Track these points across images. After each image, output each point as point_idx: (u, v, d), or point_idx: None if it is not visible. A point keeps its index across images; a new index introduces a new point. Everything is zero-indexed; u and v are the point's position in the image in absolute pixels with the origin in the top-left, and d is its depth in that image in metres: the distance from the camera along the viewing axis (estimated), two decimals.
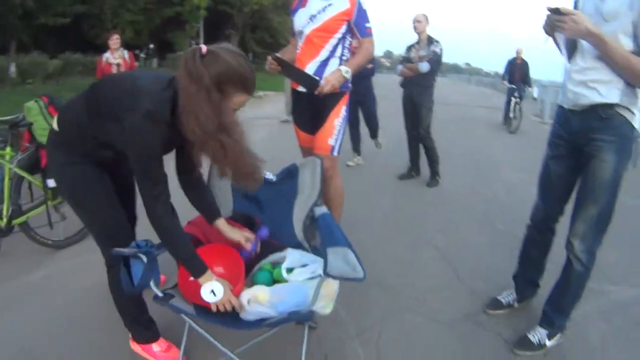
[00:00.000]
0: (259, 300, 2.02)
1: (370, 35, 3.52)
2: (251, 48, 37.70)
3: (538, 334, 2.80)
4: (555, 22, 2.37)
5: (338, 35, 3.39)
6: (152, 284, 1.97)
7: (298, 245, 2.51)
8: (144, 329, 2.52)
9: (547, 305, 2.85)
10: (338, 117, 3.51)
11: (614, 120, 2.43)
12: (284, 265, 2.27)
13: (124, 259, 2.01)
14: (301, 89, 3.51)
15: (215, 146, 1.90)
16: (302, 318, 2.00)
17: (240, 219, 2.51)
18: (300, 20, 3.46)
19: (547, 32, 2.55)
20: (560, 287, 2.78)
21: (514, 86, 12.00)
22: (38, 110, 3.48)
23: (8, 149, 3.59)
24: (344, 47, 3.47)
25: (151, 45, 29.56)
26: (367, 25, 3.47)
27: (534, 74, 12.56)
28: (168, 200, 2.01)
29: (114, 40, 6.98)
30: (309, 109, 3.56)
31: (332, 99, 3.44)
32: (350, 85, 3.57)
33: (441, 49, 6.09)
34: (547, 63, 12.27)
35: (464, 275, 3.72)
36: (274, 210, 2.58)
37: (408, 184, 6.50)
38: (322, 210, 2.58)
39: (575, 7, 2.59)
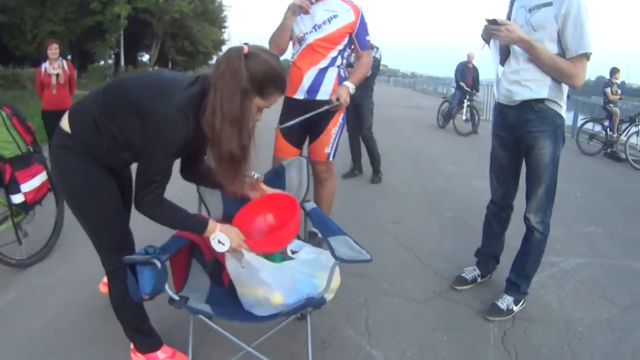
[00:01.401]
0: (273, 303, 2.10)
1: (369, 48, 3.65)
2: (171, 56, 37.25)
3: (506, 301, 3.13)
4: (492, 31, 2.79)
5: (340, 47, 3.49)
6: (166, 287, 2.00)
7: None
8: (147, 338, 2.47)
9: (512, 273, 3.21)
10: (335, 127, 3.62)
11: (546, 112, 2.86)
12: (289, 247, 2.38)
13: (130, 267, 2.01)
14: (298, 96, 3.54)
15: (225, 147, 1.95)
16: (317, 303, 2.10)
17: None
18: (303, 26, 3.49)
19: (484, 39, 2.99)
20: (523, 254, 3.15)
21: (468, 89, 12.22)
22: (1, 122, 3.31)
23: None
24: (342, 58, 3.57)
25: (69, 57, 28.70)
26: (368, 38, 3.58)
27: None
28: (160, 191, 2.03)
29: (53, 50, 6.61)
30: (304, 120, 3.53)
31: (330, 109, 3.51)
32: None
33: (381, 55, 6.40)
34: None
35: (425, 259, 4.01)
36: None
37: (353, 182, 6.70)
38: (311, 205, 2.71)
39: (509, 18, 3.00)
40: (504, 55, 2.99)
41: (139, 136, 1.97)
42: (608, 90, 10.84)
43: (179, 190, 2.50)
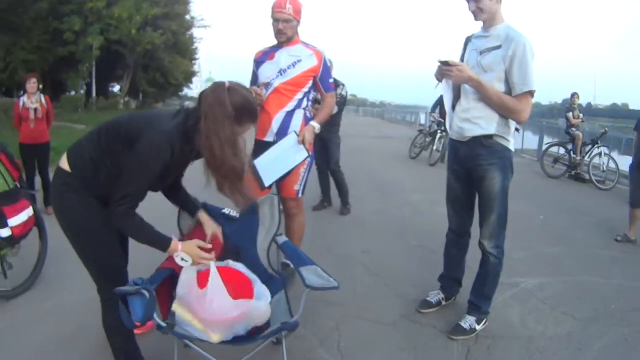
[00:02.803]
0: (211, 339, 2.29)
1: (333, 90, 3.89)
2: (142, 88, 37.17)
3: (469, 321, 3.36)
4: (444, 71, 3.08)
5: (305, 89, 3.71)
6: (155, 315, 2.16)
7: (264, 271, 2.83)
8: None
9: (472, 296, 3.45)
10: (304, 165, 3.80)
11: (495, 147, 3.15)
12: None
13: (121, 297, 2.18)
14: (268, 138, 3.74)
15: (228, 165, 2.20)
16: (291, 326, 2.35)
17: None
18: (268, 72, 3.72)
19: (437, 79, 3.27)
20: (481, 277, 3.40)
21: (442, 120, 12.08)
22: None
23: None
24: (308, 100, 3.78)
25: (41, 86, 28.36)
26: (331, 80, 3.82)
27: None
28: (132, 205, 2.21)
29: (32, 84, 6.52)
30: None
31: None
32: None
33: (347, 92, 6.59)
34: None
35: (393, 285, 4.22)
36: (239, 242, 2.86)
37: (323, 214, 6.83)
38: (283, 239, 2.94)
39: (462, 60, 3.32)
40: (456, 94, 3.29)
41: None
42: (570, 115, 11.28)
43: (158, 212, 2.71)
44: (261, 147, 3.77)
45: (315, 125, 3.70)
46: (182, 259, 2.38)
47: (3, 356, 2.98)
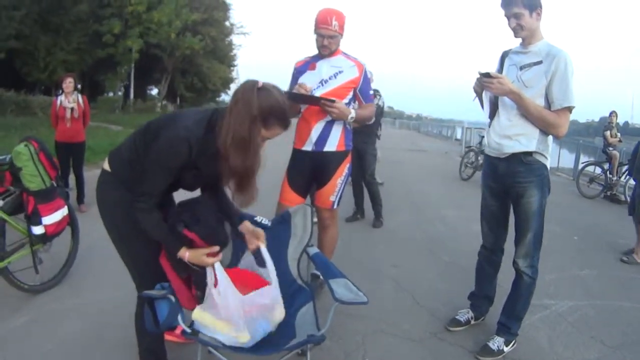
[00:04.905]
0: (240, 341, 2.30)
1: (372, 101, 3.86)
2: (180, 92, 37.68)
3: (497, 342, 3.29)
4: (484, 83, 3.03)
5: (345, 100, 3.64)
6: (179, 319, 2.17)
7: (293, 281, 2.83)
8: None
9: (502, 316, 3.37)
10: (341, 176, 3.77)
11: (534, 164, 3.09)
12: None
13: (148, 301, 2.20)
14: (306, 147, 3.70)
15: (232, 162, 2.16)
16: (317, 340, 2.31)
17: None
18: (309, 82, 3.64)
19: (476, 92, 3.26)
20: (513, 297, 3.33)
21: None
22: (29, 156, 3.50)
23: None
24: None
25: (79, 86, 29.02)
26: (371, 92, 3.80)
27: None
28: (151, 202, 2.21)
29: (68, 83, 6.61)
30: (311, 169, 3.79)
31: (337, 158, 3.73)
32: (351, 144, 3.85)
33: (383, 102, 6.52)
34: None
35: (422, 301, 4.15)
36: (270, 251, 2.82)
37: (355, 225, 6.77)
38: (314, 250, 2.92)
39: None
40: (492, 110, 3.25)
41: None
42: (607, 133, 11.08)
43: None
44: (299, 156, 3.78)
45: (352, 111, 3.62)
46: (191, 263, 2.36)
47: (26, 349, 3.05)
